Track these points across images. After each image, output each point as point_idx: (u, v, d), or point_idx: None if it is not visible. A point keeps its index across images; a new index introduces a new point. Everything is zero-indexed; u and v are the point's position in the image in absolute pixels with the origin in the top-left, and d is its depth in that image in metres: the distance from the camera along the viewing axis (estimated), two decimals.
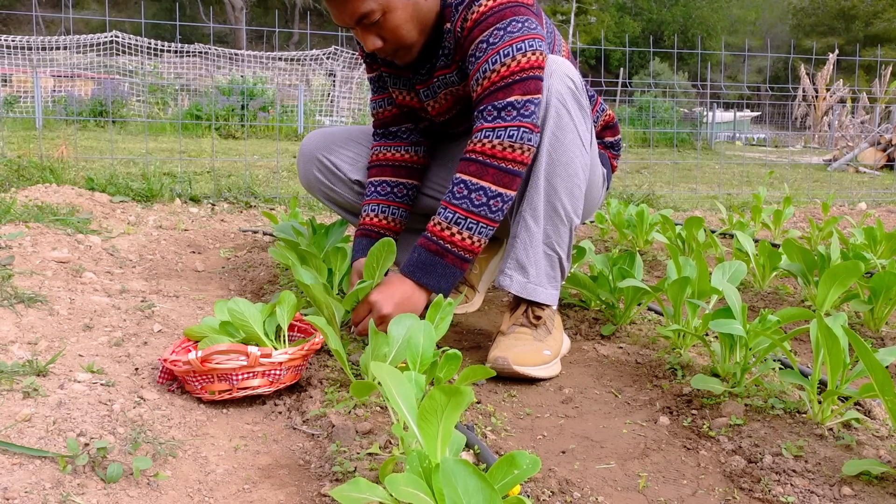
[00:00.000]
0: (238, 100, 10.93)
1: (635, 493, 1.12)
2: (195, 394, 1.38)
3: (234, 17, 29.44)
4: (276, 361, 1.36)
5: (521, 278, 1.61)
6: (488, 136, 1.49)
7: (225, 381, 1.35)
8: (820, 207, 4.24)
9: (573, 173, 1.58)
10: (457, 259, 1.52)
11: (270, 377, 1.38)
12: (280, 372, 1.38)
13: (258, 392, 1.37)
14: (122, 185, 3.68)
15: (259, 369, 1.36)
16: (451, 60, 1.65)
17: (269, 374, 1.37)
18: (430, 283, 1.53)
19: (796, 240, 2.39)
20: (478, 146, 1.50)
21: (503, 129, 1.49)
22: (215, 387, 1.35)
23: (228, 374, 1.34)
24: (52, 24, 21.41)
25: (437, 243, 1.51)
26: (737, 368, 1.46)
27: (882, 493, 1.09)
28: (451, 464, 0.76)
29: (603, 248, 3.19)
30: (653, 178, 6.69)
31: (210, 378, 1.35)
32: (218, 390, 1.36)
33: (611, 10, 37.03)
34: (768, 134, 17.39)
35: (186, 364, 1.33)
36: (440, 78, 1.68)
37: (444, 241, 1.51)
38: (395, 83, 1.80)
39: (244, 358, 1.34)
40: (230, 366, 1.34)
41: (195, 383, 1.36)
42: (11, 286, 1.82)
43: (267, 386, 1.38)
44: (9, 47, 12.98)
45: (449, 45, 1.62)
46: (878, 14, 36.00)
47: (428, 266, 1.52)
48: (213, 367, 1.33)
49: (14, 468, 1.02)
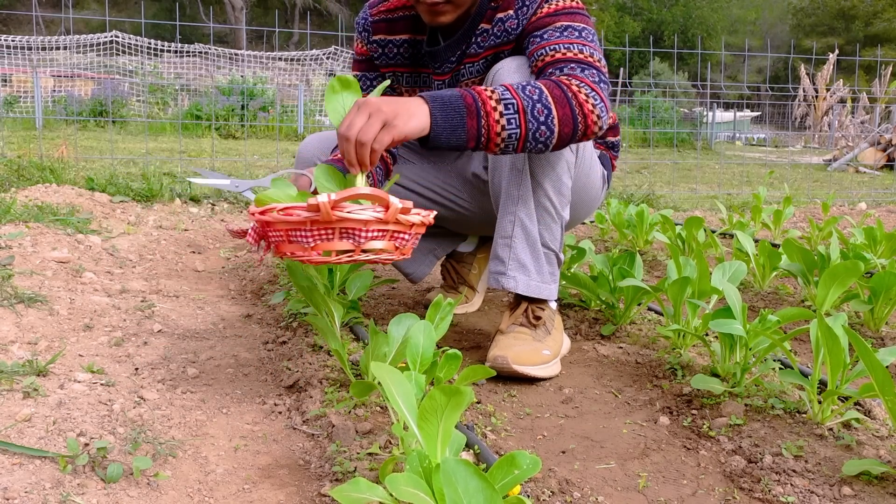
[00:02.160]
0: (238, 100, 10.93)
1: (635, 493, 1.12)
2: (295, 256, 1.14)
3: (234, 17, 29.45)
4: (411, 221, 1.15)
5: (525, 277, 1.60)
6: (583, 88, 1.38)
7: (349, 239, 1.11)
8: (820, 207, 4.24)
9: (561, 172, 1.57)
10: (474, 129, 1.31)
11: (397, 241, 1.16)
12: (408, 237, 1.18)
13: (380, 258, 1.15)
14: (122, 185, 3.68)
15: (391, 228, 1.14)
16: (482, 49, 1.62)
17: (397, 237, 1.16)
18: (438, 119, 1.29)
19: (796, 240, 2.39)
20: (573, 86, 1.37)
21: (596, 94, 1.40)
22: (335, 245, 1.11)
23: (357, 229, 1.10)
24: (52, 24, 21.42)
25: (475, 101, 1.31)
26: (737, 368, 1.46)
27: (882, 493, 1.09)
28: (451, 464, 0.76)
29: (603, 248, 3.19)
30: (653, 178, 6.69)
31: (330, 233, 1.10)
32: (337, 250, 1.12)
33: (611, 10, 37.01)
34: (768, 134, 17.39)
35: (313, 209, 1.06)
36: (467, 66, 1.66)
37: (482, 107, 1.31)
38: (409, 82, 1.76)
39: (380, 210, 1.10)
40: (363, 216, 1.10)
41: (308, 238, 1.11)
42: (11, 286, 1.82)
43: (390, 252, 1.17)
44: (9, 47, 12.98)
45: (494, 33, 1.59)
46: (878, 14, 36.00)
47: (449, 106, 1.30)
48: (344, 216, 1.09)
49: (14, 468, 1.02)
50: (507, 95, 1.33)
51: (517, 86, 1.35)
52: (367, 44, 1.77)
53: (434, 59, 1.68)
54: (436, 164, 1.94)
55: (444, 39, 1.67)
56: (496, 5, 1.59)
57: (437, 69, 1.69)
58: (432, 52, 1.67)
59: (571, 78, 1.40)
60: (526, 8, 1.56)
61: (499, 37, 1.60)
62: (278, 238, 1.18)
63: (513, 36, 1.59)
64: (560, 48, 1.48)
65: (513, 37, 1.59)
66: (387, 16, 1.73)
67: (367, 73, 1.81)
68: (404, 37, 1.72)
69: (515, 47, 1.61)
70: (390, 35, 1.73)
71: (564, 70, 1.43)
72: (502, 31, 1.60)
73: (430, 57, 1.69)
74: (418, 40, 1.71)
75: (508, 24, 1.59)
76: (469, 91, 1.32)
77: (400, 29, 1.72)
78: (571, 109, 1.36)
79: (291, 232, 1.13)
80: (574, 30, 1.51)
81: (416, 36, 1.71)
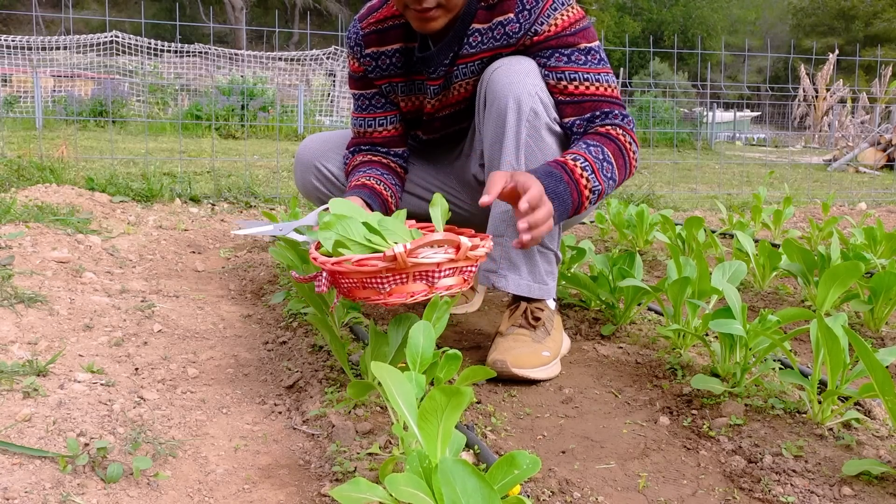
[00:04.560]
0: (238, 100, 10.94)
1: (635, 493, 1.12)
2: (370, 300, 1.17)
3: (234, 17, 29.45)
4: (478, 256, 1.20)
5: (515, 276, 1.60)
6: (627, 138, 1.56)
7: (423, 281, 1.15)
8: (820, 207, 4.24)
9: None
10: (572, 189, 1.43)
11: (465, 275, 1.21)
12: (474, 269, 1.23)
13: (451, 292, 1.19)
14: (122, 185, 3.68)
15: (461, 265, 1.19)
16: (477, 50, 1.62)
17: (465, 271, 1.21)
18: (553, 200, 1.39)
19: (796, 240, 2.39)
20: (620, 138, 1.55)
21: (634, 141, 1.58)
22: (411, 288, 1.15)
23: (430, 272, 1.14)
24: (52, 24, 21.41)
25: (563, 167, 1.44)
26: (737, 368, 1.46)
27: (882, 493, 1.09)
28: (449, 464, 0.76)
29: (603, 248, 3.19)
30: (653, 178, 6.69)
31: (405, 278, 1.14)
32: (412, 292, 1.15)
33: (611, 10, 37.01)
34: (768, 134, 17.39)
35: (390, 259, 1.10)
36: (461, 67, 1.65)
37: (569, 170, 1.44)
38: (405, 90, 1.76)
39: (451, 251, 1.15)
40: (436, 259, 1.15)
41: (383, 284, 1.14)
42: (11, 286, 1.82)
43: (461, 285, 1.20)
44: (9, 47, 12.98)
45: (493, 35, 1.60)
46: (878, 14, 35.99)
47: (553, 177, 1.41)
48: (418, 262, 1.13)
49: (14, 468, 1.02)
50: (585, 163, 1.47)
51: (584, 149, 1.50)
52: (359, 58, 1.76)
53: (427, 64, 1.67)
54: (436, 166, 1.94)
55: (434, 44, 1.66)
56: (486, 5, 1.59)
57: (431, 74, 1.67)
58: (425, 58, 1.66)
59: (618, 128, 1.56)
60: (528, 12, 1.57)
61: (498, 39, 1.60)
62: (351, 285, 1.20)
63: (514, 39, 1.59)
64: (592, 79, 1.58)
65: (514, 40, 1.59)
66: (377, 27, 1.73)
67: (364, 93, 1.81)
68: (396, 46, 1.72)
69: (515, 50, 1.61)
70: (382, 46, 1.73)
71: (608, 118, 1.57)
72: (502, 34, 1.60)
73: (422, 63, 1.68)
74: (410, 48, 1.71)
75: (509, 28, 1.59)
76: (563, 168, 1.44)
77: (391, 39, 1.72)
78: (624, 159, 1.55)
79: (367, 280, 1.16)
80: (595, 52, 1.60)
81: (408, 44, 1.71)
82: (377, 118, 1.81)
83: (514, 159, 1.56)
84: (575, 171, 1.44)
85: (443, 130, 1.82)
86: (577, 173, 1.44)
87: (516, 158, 1.56)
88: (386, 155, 1.83)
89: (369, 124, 1.82)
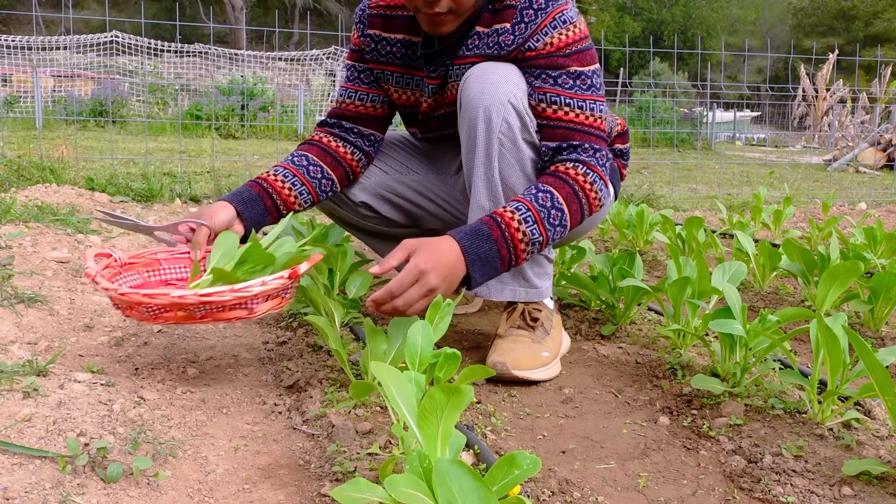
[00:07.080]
0: (238, 100, 10.93)
1: (635, 493, 1.12)
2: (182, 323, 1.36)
3: (234, 17, 29.45)
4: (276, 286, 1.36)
5: (497, 284, 1.58)
6: (588, 176, 1.50)
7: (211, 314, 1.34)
8: (820, 207, 4.24)
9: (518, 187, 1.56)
10: (506, 261, 1.43)
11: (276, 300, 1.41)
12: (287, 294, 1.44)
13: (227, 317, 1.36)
14: (123, 185, 3.68)
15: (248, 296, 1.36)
16: (472, 54, 1.58)
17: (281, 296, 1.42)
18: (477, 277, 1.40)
19: (796, 240, 2.39)
20: (580, 178, 1.49)
21: (598, 177, 1.51)
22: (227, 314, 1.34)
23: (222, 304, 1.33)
24: (52, 24, 21.42)
25: (503, 233, 1.41)
26: (737, 368, 1.46)
27: (882, 493, 1.09)
28: (444, 464, 0.76)
29: (603, 248, 3.19)
30: (653, 178, 6.69)
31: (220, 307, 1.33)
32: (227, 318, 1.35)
33: (611, 10, 37.01)
34: (768, 134, 17.39)
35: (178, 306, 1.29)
36: (455, 68, 1.61)
37: (510, 240, 1.42)
38: (399, 83, 1.73)
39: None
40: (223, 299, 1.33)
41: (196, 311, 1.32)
42: (11, 286, 1.82)
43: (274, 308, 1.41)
44: (9, 47, 12.98)
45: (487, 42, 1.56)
46: (878, 14, 36.00)
47: (486, 260, 1.40)
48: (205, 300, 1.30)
49: (14, 468, 1.02)
50: (527, 213, 1.43)
51: (530, 197, 1.45)
52: (361, 36, 1.74)
53: (430, 62, 1.64)
54: (439, 176, 1.92)
55: (439, 43, 1.62)
56: (492, 8, 1.56)
57: (432, 72, 1.64)
58: (429, 56, 1.63)
59: (580, 166, 1.50)
60: (524, 26, 1.52)
61: (490, 48, 1.56)
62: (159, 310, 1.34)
63: (505, 51, 1.55)
64: (573, 105, 1.52)
65: (505, 52, 1.55)
66: (385, 11, 1.70)
67: (356, 64, 1.78)
68: (399, 36, 1.69)
69: (505, 61, 1.56)
70: (385, 32, 1.70)
71: (576, 151, 1.51)
72: (495, 43, 1.56)
73: (425, 60, 1.65)
74: (413, 42, 1.68)
75: (503, 39, 1.55)
76: (496, 222, 1.41)
77: (396, 28, 1.69)
78: (579, 202, 1.49)
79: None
80: (586, 78, 1.53)
81: (412, 37, 1.68)
82: (358, 91, 1.78)
83: (486, 170, 1.53)
84: (511, 225, 1.41)
85: (439, 131, 1.79)
86: (514, 227, 1.41)
87: (489, 170, 1.53)
88: (347, 134, 1.79)
89: (349, 95, 1.79)
